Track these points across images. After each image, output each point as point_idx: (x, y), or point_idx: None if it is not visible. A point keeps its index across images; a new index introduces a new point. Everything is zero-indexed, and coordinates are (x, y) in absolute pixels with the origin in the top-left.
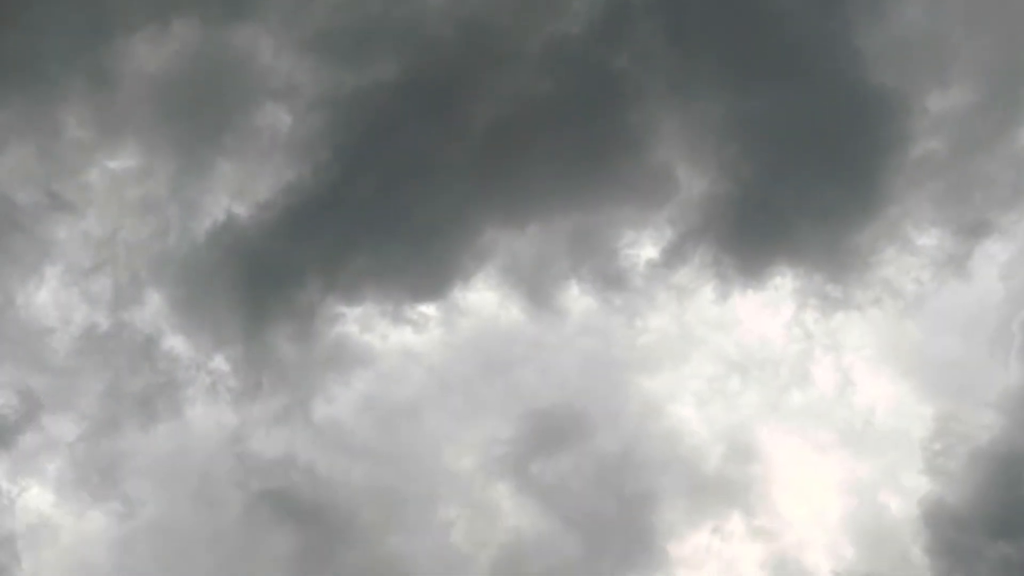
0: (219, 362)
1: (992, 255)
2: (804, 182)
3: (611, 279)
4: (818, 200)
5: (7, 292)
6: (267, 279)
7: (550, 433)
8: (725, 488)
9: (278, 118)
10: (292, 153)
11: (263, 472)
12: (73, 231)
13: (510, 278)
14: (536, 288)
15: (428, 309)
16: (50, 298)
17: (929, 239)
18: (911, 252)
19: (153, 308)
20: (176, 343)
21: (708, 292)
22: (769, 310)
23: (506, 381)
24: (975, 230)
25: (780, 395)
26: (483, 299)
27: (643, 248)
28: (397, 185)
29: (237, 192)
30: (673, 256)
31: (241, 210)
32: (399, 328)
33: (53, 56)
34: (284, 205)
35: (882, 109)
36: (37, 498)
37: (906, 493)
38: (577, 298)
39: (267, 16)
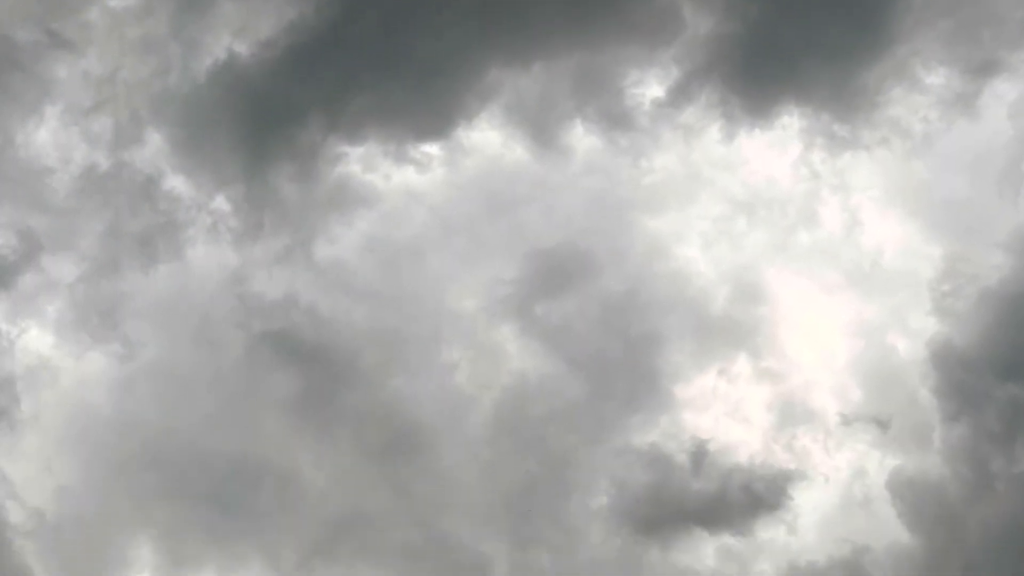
0: (220, 202)
1: (1001, 94)
2: (811, 20)
3: (616, 118)
4: (825, 39)
5: (6, 132)
6: (269, 118)
7: (554, 274)
8: (731, 329)
9: None
10: None
11: (264, 313)
12: (73, 70)
13: (514, 117)
14: (540, 127)
15: (431, 149)
16: (50, 138)
17: (937, 78)
18: (919, 91)
19: (154, 148)
20: (177, 183)
21: (714, 132)
22: (776, 150)
23: (510, 221)
24: (984, 69)
25: (787, 236)
26: (487, 139)
27: (649, 87)
28: (400, 23)
29: (239, 30)
30: (679, 95)
31: (242, 49)
32: (402, 168)
33: None
34: (286, 43)
35: None
36: (36, 340)
37: (914, 334)
38: (582, 137)
39: None
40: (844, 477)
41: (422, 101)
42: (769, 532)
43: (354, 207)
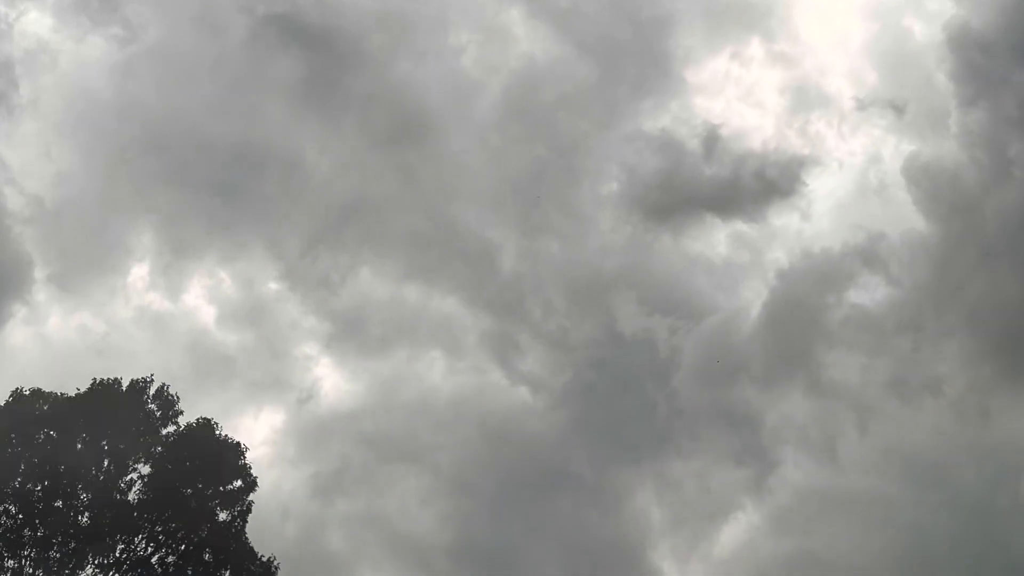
0: None
1: None
2: None
3: None
4: None
5: None
6: None
7: None
8: (744, 11)
9: None
10: None
11: None
12: None
13: None
14: None
15: None
16: None
17: None
18: None
19: None
20: None
21: None
22: None
23: None
24: None
25: None
26: None
27: None
28: None
29: None
30: None
31: None
32: None
33: None
34: None
35: None
36: (35, 22)
37: (930, 17)
38: None
39: None
40: (859, 163)
41: None
42: (782, 219)
43: None
